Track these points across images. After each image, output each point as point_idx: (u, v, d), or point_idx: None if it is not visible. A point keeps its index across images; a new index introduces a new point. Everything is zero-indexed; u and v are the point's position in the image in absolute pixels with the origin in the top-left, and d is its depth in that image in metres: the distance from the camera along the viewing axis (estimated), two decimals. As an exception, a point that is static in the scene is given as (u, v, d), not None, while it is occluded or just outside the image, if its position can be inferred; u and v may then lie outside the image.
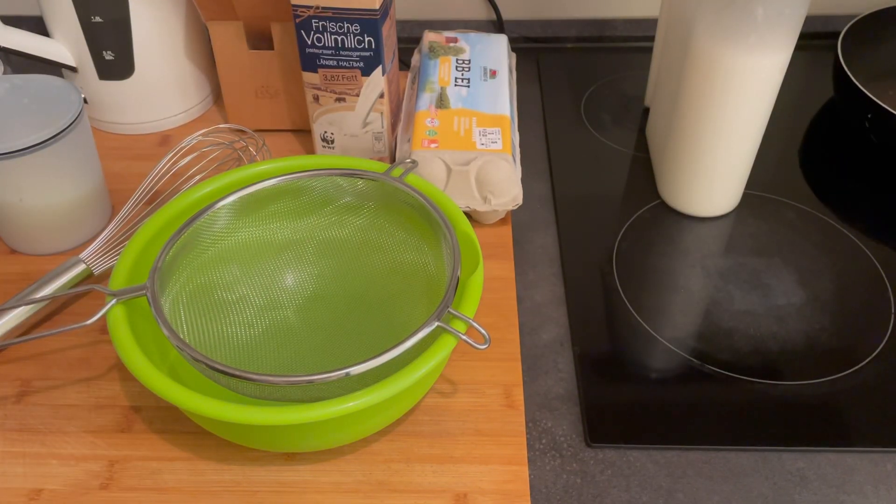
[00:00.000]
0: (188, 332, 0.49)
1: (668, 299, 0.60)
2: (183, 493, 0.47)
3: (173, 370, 0.50)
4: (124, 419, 0.51)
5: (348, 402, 0.41)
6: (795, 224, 0.67)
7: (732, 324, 0.58)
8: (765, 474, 0.48)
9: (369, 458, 0.48)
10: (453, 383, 0.53)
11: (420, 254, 0.54)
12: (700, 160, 0.63)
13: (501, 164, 0.62)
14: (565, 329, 0.58)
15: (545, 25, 0.91)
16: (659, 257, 0.64)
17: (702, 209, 0.67)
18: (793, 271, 0.62)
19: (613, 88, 0.83)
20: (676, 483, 0.48)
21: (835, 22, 0.82)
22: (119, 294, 0.46)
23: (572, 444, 0.50)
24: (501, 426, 0.50)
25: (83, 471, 0.48)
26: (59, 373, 0.54)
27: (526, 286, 0.61)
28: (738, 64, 0.56)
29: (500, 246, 0.63)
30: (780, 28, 0.55)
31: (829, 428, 0.51)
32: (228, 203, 0.52)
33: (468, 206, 0.63)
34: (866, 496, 0.47)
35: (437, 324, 0.44)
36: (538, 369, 0.55)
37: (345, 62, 0.65)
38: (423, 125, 0.65)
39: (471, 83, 0.70)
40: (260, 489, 0.47)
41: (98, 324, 0.45)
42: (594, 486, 0.48)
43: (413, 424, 0.50)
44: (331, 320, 0.55)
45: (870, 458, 0.49)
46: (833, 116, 0.80)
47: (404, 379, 0.42)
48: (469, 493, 0.46)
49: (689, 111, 0.61)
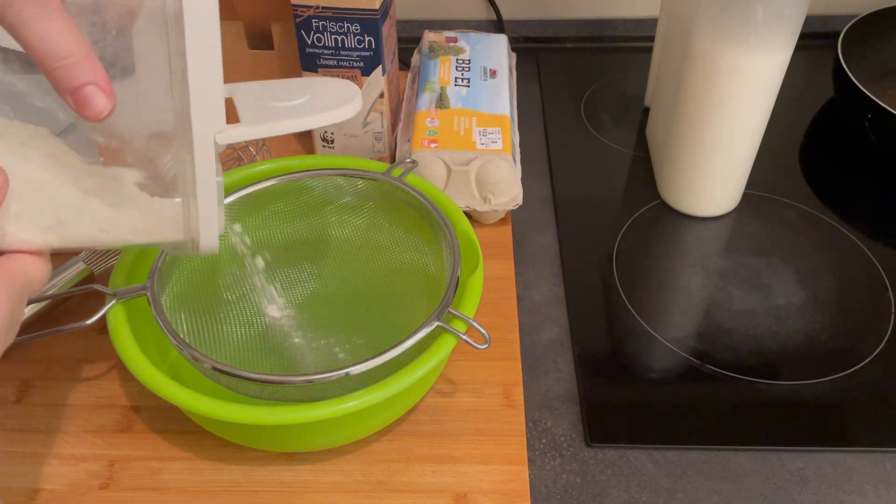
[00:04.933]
0: (188, 331, 0.49)
1: (668, 299, 0.60)
2: (183, 493, 0.47)
3: (173, 370, 0.50)
4: (124, 419, 0.51)
5: (348, 402, 0.41)
6: (795, 224, 0.67)
7: (732, 324, 0.58)
8: (765, 474, 0.48)
9: (369, 458, 0.48)
10: (453, 383, 0.53)
11: (420, 254, 0.54)
12: (700, 160, 0.63)
13: (501, 164, 0.62)
14: (565, 329, 0.58)
15: (545, 25, 0.91)
16: (659, 257, 0.64)
17: (702, 209, 0.67)
18: (793, 271, 0.62)
19: (613, 88, 0.83)
20: (676, 483, 0.48)
21: (835, 22, 0.82)
22: (119, 294, 0.46)
23: (572, 444, 0.50)
24: (501, 426, 0.50)
25: (83, 471, 0.48)
26: (59, 373, 0.54)
27: (526, 286, 0.61)
28: (738, 64, 0.56)
29: (500, 246, 0.63)
30: (780, 28, 0.55)
31: (829, 428, 0.51)
32: (228, 203, 0.52)
33: (468, 206, 0.63)
34: (866, 496, 0.47)
35: (437, 324, 0.44)
36: (538, 369, 0.55)
37: (345, 62, 0.65)
38: (423, 125, 0.65)
39: (471, 83, 0.70)
40: (260, 489, 0.47)
41: (98, 324, 0.45)
42: (594, 486, 0.48)
43: (413, 424, 0.50)
44: (331, 320, 0.55)
45: (870, 458, 0.49)
46: (833, 116, 0.80)
47: (404, 379, 0.42)
48: (469, 492, 0.46)
49: (689, 111, 0.61)
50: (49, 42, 0.30)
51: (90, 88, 0.31)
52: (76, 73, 0.31)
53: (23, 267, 0.33)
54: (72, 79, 0.31)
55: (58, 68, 0.30)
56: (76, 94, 0.31)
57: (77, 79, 0.31)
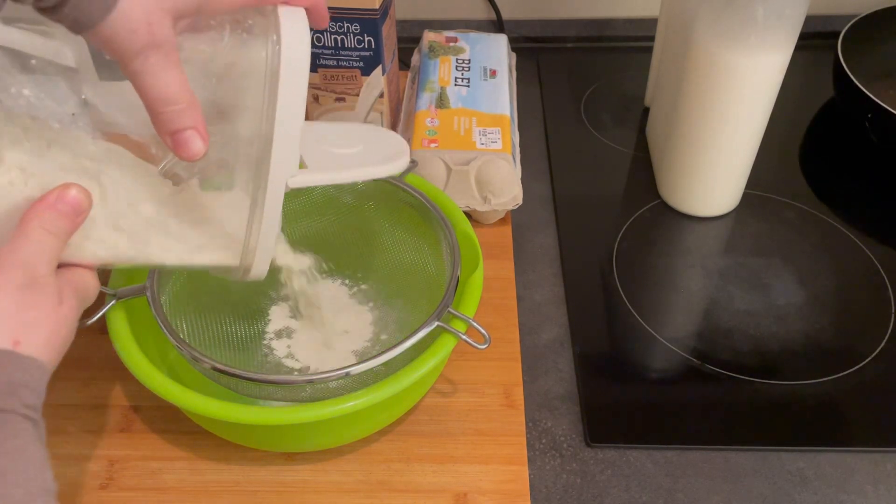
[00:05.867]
0: (188, 331, 0.49)
1: (668, 299, 0.60)
2: (183, 493, 0.47)
3: (173, 370, 0.50)
4: (124, 419, 0.51)
5: (348, 402, 0.41)
6: (795, 224, 0.67)
7: (732, 324, 0.58)
8: (765, 474, 0.48)
9: (369, 458, 0.48)
10: (453, 383, 0.53)
11: (420, 254, 0.54)
12: (700, 160, 0.63)
13: (501, 164, 0.62)
14: (565, 329, 0.58)
15: (545, 25, 0.91)
16: (659, 257, 0.64)
17: (702, 209, 0.67)
18: (793, 271, 0.62)
19: (613, 88, 0.83)
20: (676, 483, 0.48)
21: (835, 22, 0.82)
22: (119, 294, 0.46)
23: (572, 444, 0.50)
24: (501, 426, 0.50)
25: (83, 470, 0.48)
26: (59, 372, 0.53)
27: (526, 286, 0.61)
28: (738, 64, 0.56)
29: (500, 246, 0.63)
30: (780, 28, 0.55)
31: (829, 428, 0.51)
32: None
33: (468, 205, 0.63)
34: (866, 496, 0.47)
35: (437, 323, 0.44)
36: (538, 369, 0.55)
37: (345, 62, 0.65)
38: (423, 125, 0.65)
39: (471, 83, 0.70)
40: (260, 489, 0.47)
41: (98, 323, 0.45)
42: (594, 486, 0.48)
43: (413, 424, 0.50)
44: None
45: (870, 458, 0.49)
46: (833, 116, 0.80)
47: (404, 379, 0.42)
48: (469, 492, 0.46)
49: (689, 111, 0.61)
50: (164, 89, 0.34)
51: (190, 133, 0.35)
52: (181, 119, 0.34)
53: (84, 280, 0.37)
54: (176, 123, 0.35)
55: (165, 112, 0.34)
56: (176, 136, 0.35)
57: (181, 123, 0.35)
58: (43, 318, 0.33)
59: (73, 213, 0.34)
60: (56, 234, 0.34)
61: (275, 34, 0.35)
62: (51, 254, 0.34)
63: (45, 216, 0.33)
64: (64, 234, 0.34)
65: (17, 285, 0.32)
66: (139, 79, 0.34)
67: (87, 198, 0.35)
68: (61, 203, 0.34)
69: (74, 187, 0.34)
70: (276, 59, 0.35)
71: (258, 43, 0.36)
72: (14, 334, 0.32)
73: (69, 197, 0.34)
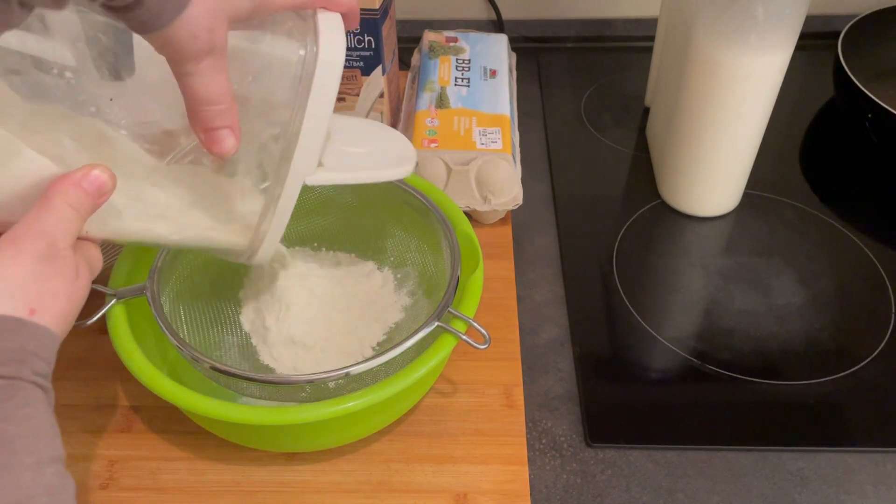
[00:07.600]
0: (188, 331, 0.49)
1: (668, 299, 0.60)
2: (183, 493, 0.47)
3: (173, 370, 0.50)
4: (124, 419, 0.51)
5: (348, 402, 0.41)
6: (795, 224, 0.67)
7: (732, 324, 0.58)
8: (765, 474, 0.48)
9: (369, 458, 0.48)
10: (453, 383, 0.53)
11: (420, 254, 0.54)
12: (700, 160, 0.63)
13: (501, 164, 0.62)
14: (565, 329, 0.58)
15: (545, 25, 0.91)
16: (659, 257, 0.64)
17: (702, 209, 0.67)
18: (793, 271, 0.62)
19: (613, 88, 0.83)
20: (676, 483, 0.48)
21: (835, 22, 0.82)
22: (119, 294, 0.46)
23: (572, 444, 0.50)
24: (501, 426, 0.50)
25: (83, 470, 0.48)
26: (59, 372, 0.53)
27: (526, 286, 0.61)
28: (738, 64, 0.56)
29: (500, 246, 0.63)
30: (780, 28, 0.55)
31: (829, 428, 0.51)
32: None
33: (468, 205, 0.63)
34: (866, 496, 0.47)
35: (437, 324, 0.44)
36: (538, 369, 0.55)
37: (345, 62, 0.64)
38: (423, 125, 0.65)
39: (471, 83, 0.70)
40: (260, 489, 0.47)
41: (98, 323, 0.45)
42: (594, 486, 0.48)
43: (413, 424, 0.50)
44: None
45: (870, 458, 0.49)
46: (833, 116, 0.80)
47: (404, 379, 0.42)
48: (469, 493, 0.46)
49: (690, 111, 0.61)
50: (210, 92, 0.36)
51: (225, 131, 0.37)
52: (220, 118, 0.37)
53: (94, 255, 0.38)
54: (215, 122, 0.37)
55: (206, 111, 0.36)
56: (211, 134, 0.37)
57: (219, 122, 0.37)
58: (61, 290, 0.34)
59: (97, 192, 0.35)
60: (78, 210, 0.34)
61: (313, 37, 0.37)
62: (71, 228, 0.34)
63: (69, 192, 0.34)
64: (86, 211, 0.35)
65: (38, 255, 0.33)
66: (189, 79, 0.35)
67: (111, 179, 0.35)
68: (86, 181, 0.34)
69: (99, 167, 0.35)
70: (312, 62, 0.37)
71: (296, 45, 0.38)
72: (31, 303, 0.32)
73: (93, 176, 0.35)
